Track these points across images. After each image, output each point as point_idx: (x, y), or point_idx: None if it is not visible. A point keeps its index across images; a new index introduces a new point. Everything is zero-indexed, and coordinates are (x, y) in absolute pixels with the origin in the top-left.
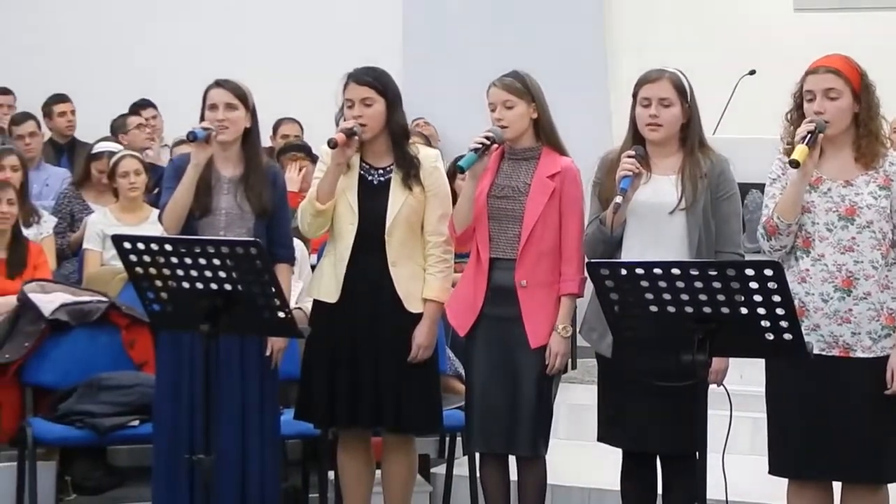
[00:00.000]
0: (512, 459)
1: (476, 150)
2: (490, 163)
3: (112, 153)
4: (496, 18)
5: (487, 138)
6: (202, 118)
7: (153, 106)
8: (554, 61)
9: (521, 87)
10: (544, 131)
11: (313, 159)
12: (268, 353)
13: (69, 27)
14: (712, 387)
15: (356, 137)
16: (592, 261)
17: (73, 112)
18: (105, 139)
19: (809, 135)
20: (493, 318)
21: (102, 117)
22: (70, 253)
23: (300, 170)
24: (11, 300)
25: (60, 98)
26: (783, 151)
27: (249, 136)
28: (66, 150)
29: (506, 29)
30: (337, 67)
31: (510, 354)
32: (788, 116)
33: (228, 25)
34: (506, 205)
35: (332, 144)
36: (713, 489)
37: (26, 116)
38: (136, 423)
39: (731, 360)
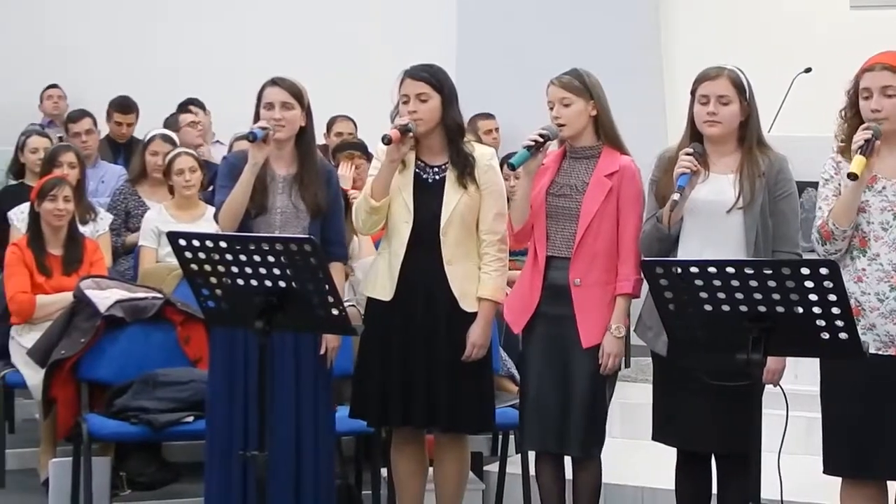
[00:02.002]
0: (568, 458)
1: (528, 147)
2: (551, 161)
3: (166, 137)
4: (550, 15)
5: (541, 136)
6: (257, 116)
7: (201, 105)
8: (608, 57)
9: (579, 84)
10: (604, 129)
11: (368, 157)
12: (322, 352)
13: (119, 27)
14: (768, 387)
15: (411, 134)
16: (647, 259)
17: (129, 125)
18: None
19: (866, 143)
20: (548, 316)
21: (155, 117)
22: (123, 252)
23: (355, 168)
24: (68, 296)
25: (123, 108)
26: (837, 150)
27: (304, 134)
28: (123, 148)
29: (560, 26)
30: (391, 65)
31: (564, 353)
32: (843, 114)
33: (283, 22)
34: (563, 203)
35: (387, 141)
36: (768, 489)
37: (83, 114)
38: (191, 419)
39: (787, 359)
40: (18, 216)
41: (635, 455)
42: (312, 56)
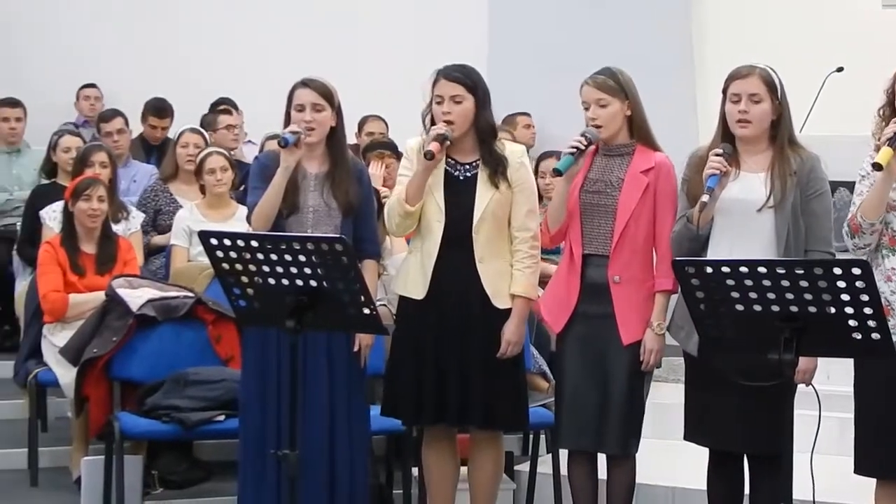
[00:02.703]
0: (600, 457)
1: (572, 152)
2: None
3: (195, 130)
4: (581, 13)
5: (583, 140)
6: (287, 118)
7: (233, 105)
8: (639, 56)
9: (614, 84)
10: (637, 127)
11: (398, 156)
12: (355, 350)
13: (152, 27)
14: (801, 386)
15: (448, 142)
16: (678, 259)
17: (164, 128)
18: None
19: (895, 135)
20: (586, 314)
21: (189, 117)
22: (147, 252)
23: (385, 167)
24: (100, 295)
25: (159, 111)
26: (874, 148)
27: (335, 133)
28: (156, 149)
29: (590, 24)
30: (421, 64)
31: (602, 351)
32: (881, 112)
33: (314, 22)
34: (598, 200)
35: (430, 156)
36: (800, 489)
37: (115, 113)
38: (222, 417)
39: (819, 359)
40: (51, 215)
41: (667, 455)
42: (343, 55)
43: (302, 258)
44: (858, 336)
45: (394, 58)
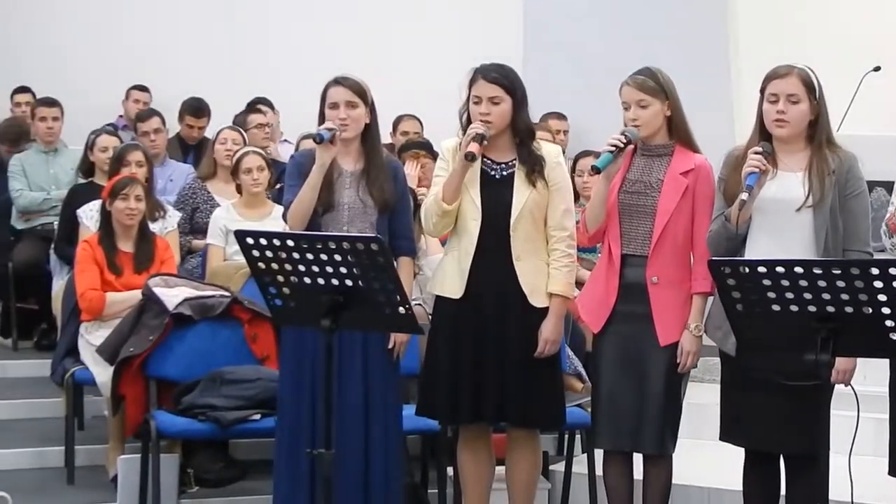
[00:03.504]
0: (636, 458)
1: (611, 150)
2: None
3: (233, 128)
4: (617, 13)
5: (622, 139)
6: (321, 115)
7: (269, 104)
8: (675, 55)
9: (654, 85)
10: (677, 128)
11: (433, 156)
12: (390, 346)
13: (189, 27)
14: (838, 387)
15: (486, 141)
16: (714, 259)
17: (201, 128)
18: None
19: None
20: (624, 314)
21: (226, 117)
22: (186, 253)
23: (420, 167)
24: (137, 294)
25: (196, 111)
26: None
27: (369, 130)
28: (193, 148)
29: (626, 23)
30: (457, 64)
31: (640, 351)
32: None
33: (347, 22)
34: (637, 200)
35: (472, 158)
36: (837, 490)
37: (151, 113)
38: (258, 416)
39: (857, 359)
40: (88, 214)
41: (702, 455)
42: (378, 55)
43: (337, 258)
44: (895, 336)
45: (428, 57)
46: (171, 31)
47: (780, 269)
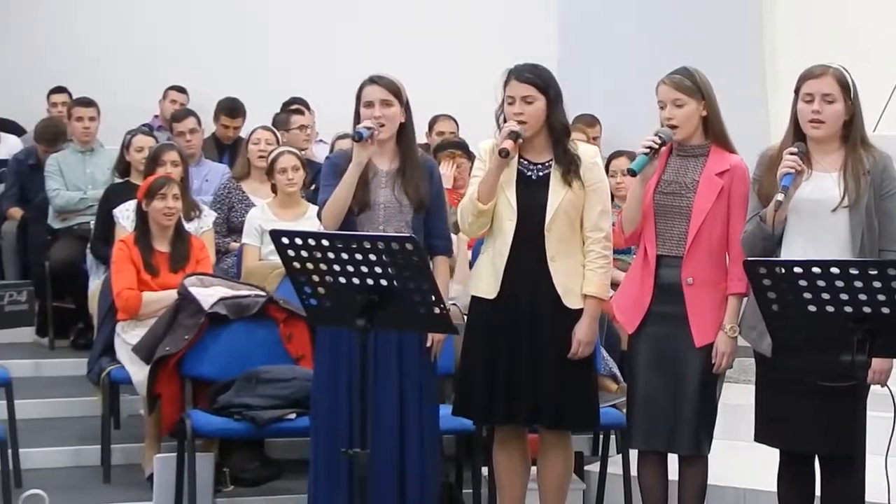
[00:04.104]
0: (671, 458)
1: (646, 152)
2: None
3: (267, 128)
4: (651, 13)
5: (657, 140)
6: (357, 115)
7: (305, 104)
8: (711, 55)
9: (691, 84)
10: (713, 128)
11: (469, 156)
12: (427, 345)
13: (225, 28)
14: (874, 388)
15: (520, 140)
16: (749, 259)
17: (236, 128)
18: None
19: None
20: (659, 315)
21: (262, 117)
22: (223, 253)
23: (456, 167)
24: (173, 294)
25: (231, 112)
26: None
27: (404, 130)
28: (228, 148)
29: (661, 23)
30: (492, 64)
31: (675, 352)
32: None
33: (383, 22)
34: (673, 201)
35: (505, 154)
36: (872, 491)
37: (187, 113)
38: (294, 416)
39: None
40: (124, 214)
41: (737, 456)
42: (414, 55)
43: (372, 257)
44: None
45: (463, 57)
46: (207, 31)
47: (816, 270)
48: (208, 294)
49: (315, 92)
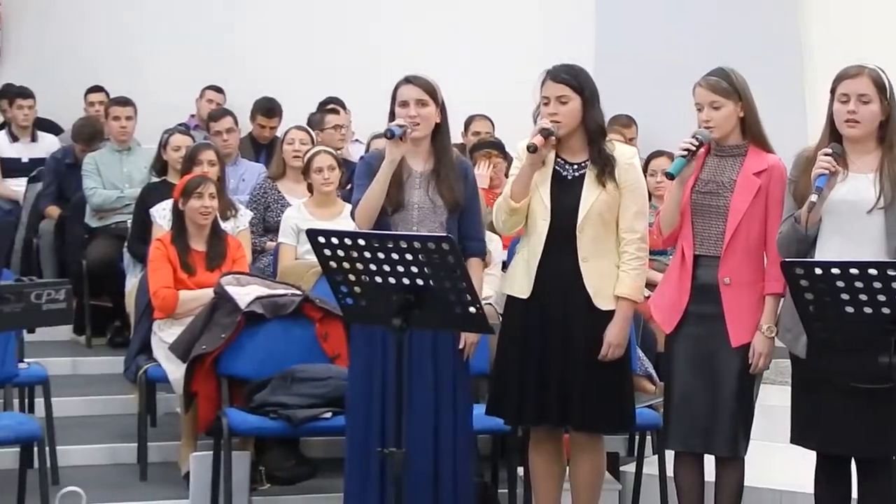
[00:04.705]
0: (707, 459)
1: (684, 155)
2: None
3: (301, 128)
4: (688, 13)
5: (695, 142)
6: (392, 114)
7: (341, 104)
8: (748, 55)
9: (727, 86)
10: (751, 129)
11: (505, 156)
12: (461, 347)
13: (267, 26)
14: None
15: (553, 137)
16: (787, 260)
17: (272, 128)
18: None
19: None
20: (696, 315)
21: (298, 117)
22: (259, 252)
23: (492, 167)
24: (209, 292)
25: (267, 112)
26: None
27: (439, 130)
28: (265, 148)
29: (697, 23)
30: (528, 64)
31: (711, 352)
32: None
33: (421, 22)
34: (710, 200)
35: (533, 149)
36: None
37: (224, 112)
38: (329, 415)
39: None
40: (161, 213)
41: (774, 457)
42: (450, 55)
43: (408, 257)
44: None
45: (500, 57)
46: (244, 31)
47: (854, 271)
48: (245, 293)
49: (351, 92)
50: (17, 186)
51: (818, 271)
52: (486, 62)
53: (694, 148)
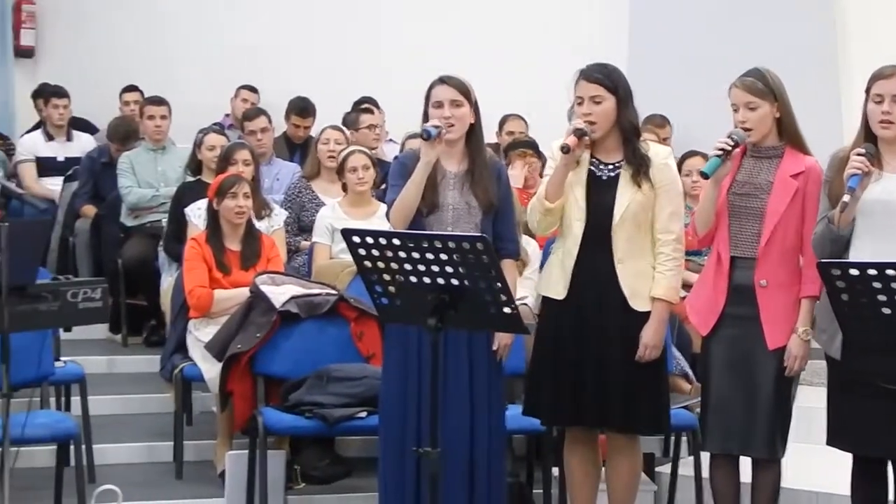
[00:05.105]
0: (743, 461)
1: (719, 154)
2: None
3: (336, 127)
4: (722, 12)
5: (730, 141)
6: (425, 114)
7: (375, 103)
8: (783, 55)
9: (763, 87)
10: (787, 130)
11: (540, 155)
12: (494, 348)
13: (302, 26)
14: None
15: (587, 138)
16: (823, 261)
17: (307, 128)
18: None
19: None
20: (733, 317)
21: (333, 116)
22: (294, 251)
23: (527, 166)
24: (244, 292)
25: (302, 111)
26: None
27: (473, 131)
28: (299, 147)
29: (731, 23)
30: (562, 64)
31: (748, 355)
32: None
33: (455, 22)
34: (747, 202)
35: (566, 150)
36: None
37: (258, 112)
38: (364, 414)
39: None
40: (195, 212)
41: (810, 459)
42: (484, 55)
43: (443, 257)
44: None
45: (533, 57)
46: (278, 31)
47: (891, 272)
48: (280, 292)
49: (385, 92)
50: (52, 185)
51: (854, 272)
52: (520, 61)
53: (729, 148)
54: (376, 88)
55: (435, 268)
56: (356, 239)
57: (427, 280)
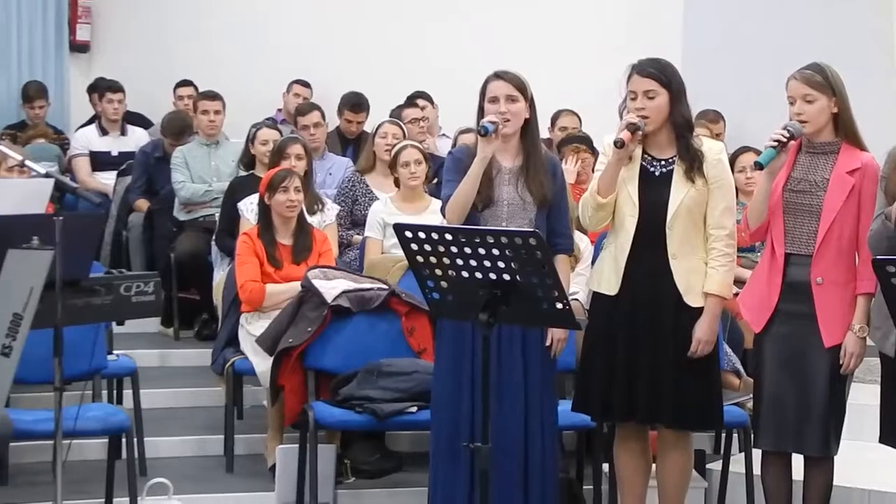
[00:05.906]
0: (795, 458)
1: (774, 146)
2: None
3: (394, 122)
4: (777, 8)
5: (786, 133)
6: (480, 110)
7: (429, 98)
8: (839, 52)
9: (821, 80)
10: (844, 125)
11: (593, 151)
12: (548, 344)
13: (356, 22)
14: None
15: (640, 132)
16: (878, 258)
17: (360, 123)
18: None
19: None
20: (787, 314)
21: (386, 111)
22: (346, 246)
23: (580, 161)
24: (296, 286)
25: (355, 107)
26: None
27: (529, 126)
28: (352, 142)
29: (786, 18)
30: (615, 58)
31: (803, 352)
32: None
33: (508, 18)
34: (802, 199)
35: (620, 144)
36: None
37: (311, 107)
38: (415, 409)
39: None
40: (248, 207)
41: (863, 457)
42: (537, 50)
43: (496, 252)
44: None
45: (587, 52)
46: (331, 26)
47: None
48: (331, 287)
49: (439, 87)
50: (106, 180)
51: None
52: (573, 56)
53: (785, 139)
54: (429, 83)
55: (487, 263)
56: (408, 234)
57: (479, 275)
